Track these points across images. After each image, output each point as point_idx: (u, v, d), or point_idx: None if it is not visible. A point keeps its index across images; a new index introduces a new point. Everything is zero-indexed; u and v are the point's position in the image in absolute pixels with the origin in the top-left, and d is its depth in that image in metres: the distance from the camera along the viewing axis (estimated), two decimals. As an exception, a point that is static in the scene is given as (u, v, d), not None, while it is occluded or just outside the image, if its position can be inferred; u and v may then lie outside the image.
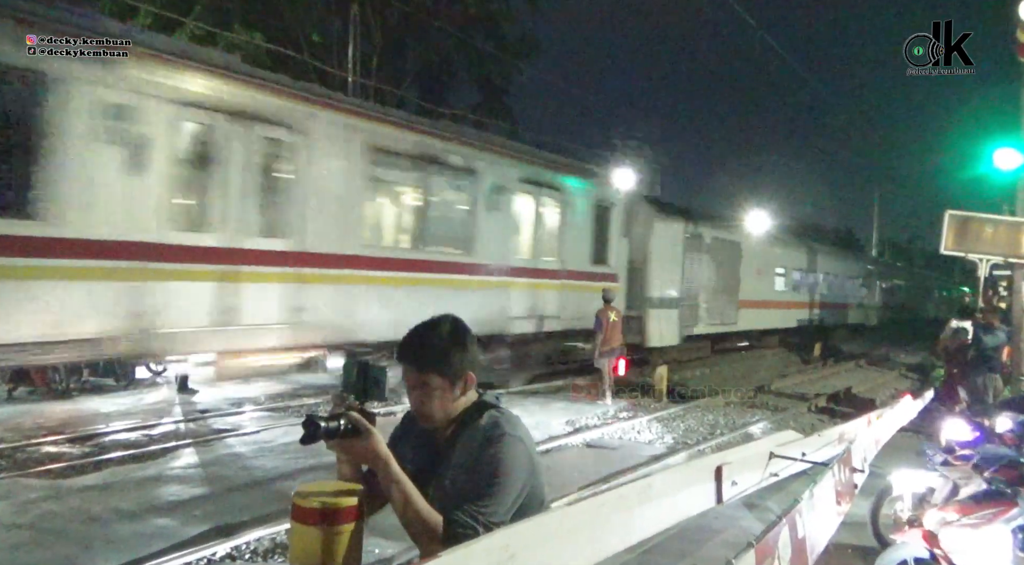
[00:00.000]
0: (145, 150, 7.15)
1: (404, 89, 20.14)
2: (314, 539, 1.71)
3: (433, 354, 1.83)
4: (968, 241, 10.86)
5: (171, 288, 7.40)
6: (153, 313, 7.23)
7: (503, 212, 11.68)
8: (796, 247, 25.23)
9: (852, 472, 3.49)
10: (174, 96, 7.37)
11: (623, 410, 11.01)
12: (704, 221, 18.44)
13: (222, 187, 7.92)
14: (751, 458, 3.19)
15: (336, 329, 8.60)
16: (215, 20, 16.98)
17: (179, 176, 7.65)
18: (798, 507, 2.38)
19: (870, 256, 39.46)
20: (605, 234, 14.26)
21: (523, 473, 1.77)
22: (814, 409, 12.14)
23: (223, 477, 6.70)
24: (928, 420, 7.19)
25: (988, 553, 3.78)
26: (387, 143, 9.72)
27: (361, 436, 1.70)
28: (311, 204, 8.77)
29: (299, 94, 8.81)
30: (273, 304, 8.28)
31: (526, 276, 12.14)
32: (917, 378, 16.92)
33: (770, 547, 1.97)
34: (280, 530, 5.25)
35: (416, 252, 10.31)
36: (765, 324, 22.11)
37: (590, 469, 7.38)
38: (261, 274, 8.20)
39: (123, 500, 5.90)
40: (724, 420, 10.70)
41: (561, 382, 13.29)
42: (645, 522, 2.23)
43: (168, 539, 5.08)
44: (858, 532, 4.97)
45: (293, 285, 8.47)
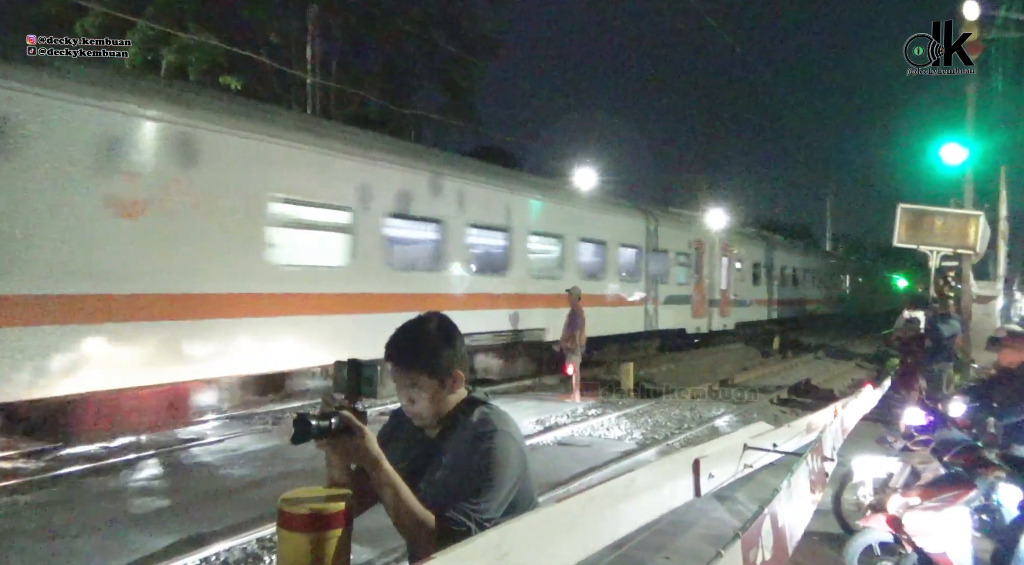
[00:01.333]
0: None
1: (366, 89, 19.88)
2: (303, 546, 1.69)
3: (421, 352, 1.82)
4: (920, 234, 11.23)
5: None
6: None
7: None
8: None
9: (823, 461, 3.58)
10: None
11: (592, 407, 11.10)
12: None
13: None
14: (726, 451, 3.25)
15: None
16: (168, 21, 16.55)
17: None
18: (778, 497, 2.44)
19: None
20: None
21: (514, 469, 1.78)
22: (776, 401, 12.42)
23: (190, 488, 6.55)
24: (886, 408, 7.43)
25: (949, 534, 3.93)
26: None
27: (352, 435, 1.69)
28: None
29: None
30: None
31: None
32: (873, 368, 17.42)
33: (754, 537, 2.01)
34: (251, 539, 5.16)
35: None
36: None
37: (563, 467, 7.41)
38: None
39: (86, 514, 5.72)
40: (691, 414, 10.86)
41: (529, 381, 13.35)
42: (630, 516, 2.27)
43: (135, 552, 4.94)
44: (821, 519, 5.11)
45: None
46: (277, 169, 8.31)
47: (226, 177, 7.79)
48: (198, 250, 7.46)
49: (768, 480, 5.15)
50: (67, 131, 6.42)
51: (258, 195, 8.09)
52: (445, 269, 10.96)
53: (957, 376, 11.32)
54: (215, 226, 7.65)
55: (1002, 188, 15.01)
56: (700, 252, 19.74)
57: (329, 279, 9.09)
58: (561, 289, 12.41)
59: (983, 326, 12.92)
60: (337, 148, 9.22)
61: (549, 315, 12.80)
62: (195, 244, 7.43)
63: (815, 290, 31.89)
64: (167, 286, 7.17)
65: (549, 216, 13.43)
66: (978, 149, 13.05)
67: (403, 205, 10.08)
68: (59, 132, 6.36)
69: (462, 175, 11.46)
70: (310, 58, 19.27)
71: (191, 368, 7.45)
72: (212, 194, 7.60)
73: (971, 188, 13.01)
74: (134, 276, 6.88)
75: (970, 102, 12.59)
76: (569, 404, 11.25)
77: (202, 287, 7.48)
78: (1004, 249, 15.61)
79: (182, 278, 7.31)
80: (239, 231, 7.90)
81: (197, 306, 7.40)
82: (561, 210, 13.92)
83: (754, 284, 24.23)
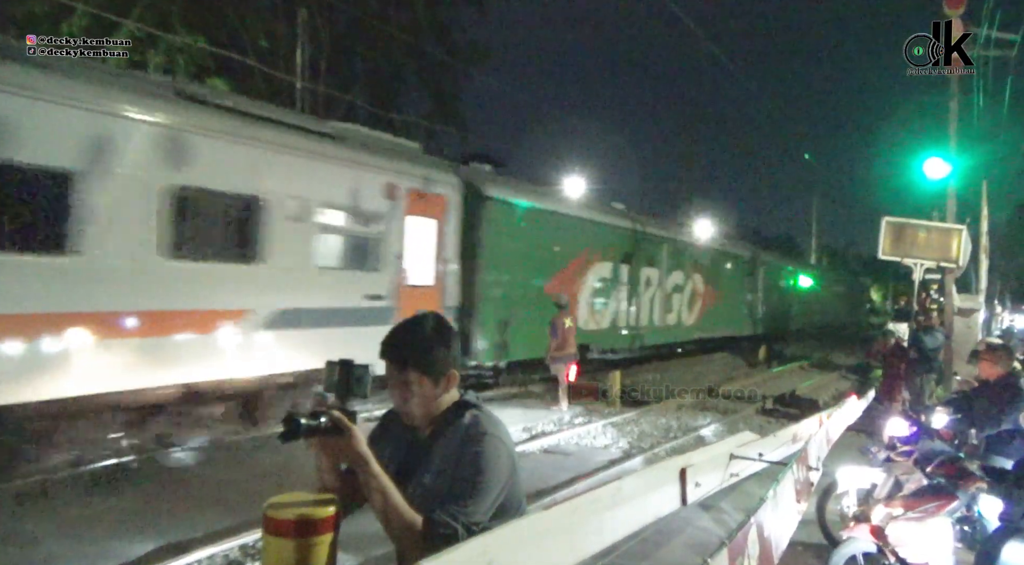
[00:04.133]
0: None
1: (353, 95, 19.87)
2: (288, 551, 1.67)
3: (416, 351, 1.82)
4: (904, 246, 11.34)
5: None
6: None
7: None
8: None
9: (808, 471, 3.60)
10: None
11: (578, 415, 11.09)
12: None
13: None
14: (712, 460, 3.26)
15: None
16: (156, 22, 16.46)
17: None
18: (764, 506, 2.45)
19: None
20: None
21: (503, 473, 1.77)
22: (762, 411, 12.49)
23: (171, 492, 6.46)
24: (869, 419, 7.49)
25: (931, 545, 3.96)
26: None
27: (342, 434, 1.69)
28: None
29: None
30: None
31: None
32: (857, 379, 17.57)
33: (741, 546, 2.02)
34: (234, 546, 5.10)
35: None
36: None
37: (548, 476, 7.40)
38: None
39: (62, 519, 5.62)
40: (677, 423, 10.89)
41: (516, 389, 13.32)
42: (616, 525, 2.26)
43: (114, 558, 4.87)
44: (805, 529, 5.13)
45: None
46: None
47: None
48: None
49: (754, 489, 5.17)
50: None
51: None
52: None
53: (939, 388, 11.44)
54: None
55: (983, 202, 15.23)
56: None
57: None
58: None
59: (965, 339, 13.06)
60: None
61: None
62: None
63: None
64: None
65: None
66: (961, 164, 13.25)
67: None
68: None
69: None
70: (299, 62, 19.22)
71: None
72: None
73: (953, 202, 13.19)
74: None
75: (953, 117, 12.78)
76: (555, 412, 11.24)
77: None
78: (985, 263, 15.82)
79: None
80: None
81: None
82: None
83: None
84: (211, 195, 7.51)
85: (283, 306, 8.09)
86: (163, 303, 7.02)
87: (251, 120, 7.92)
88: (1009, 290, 37.78)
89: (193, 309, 7.29)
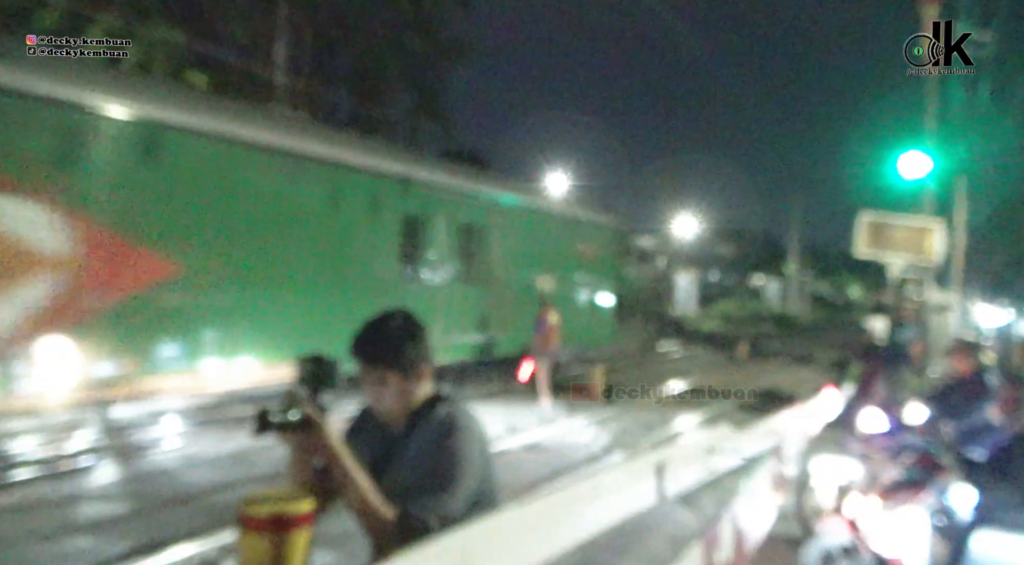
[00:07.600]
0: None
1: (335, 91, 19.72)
2: (263, 547, 1.67)
3: (386, 348, 1.82)
4: (880, 243, 11.44)
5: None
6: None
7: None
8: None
9: (784, 464, 3.64)
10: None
11: (560, 412, 11.11)
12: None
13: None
14: (690, 454, 3.28)
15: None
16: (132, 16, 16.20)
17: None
18: (738, 499, 2.47)
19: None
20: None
21: (477, 467, 1.78)
22: (743, 405, 12.60)
23: (146, 493, 6.38)
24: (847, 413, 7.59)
25: (906, 534, 4.02)
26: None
27: (314, 429, 1.68)
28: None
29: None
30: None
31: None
32: (838, 374, 17.78)
33: (716, 538, 2.04)
34: (211, 546, 5.05)
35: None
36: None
37: (529, 472, 7.41)
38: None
39: (38, 522, 5.53)
40: (658, 419, 10.95)
41: (497, 386, 13.32)
42: (594, 520, 2.27)
43: (89, 560, 4.80)
44: (784, 521, 5.18)
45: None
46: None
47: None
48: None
49: (731, 483, 5.22)
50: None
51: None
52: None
53: (915, 381, 11.61)
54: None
55: (958, 199, 15.46)
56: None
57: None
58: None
59: (940, 335, 13.27)
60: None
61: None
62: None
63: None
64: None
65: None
66: (939, 162, 13.40)
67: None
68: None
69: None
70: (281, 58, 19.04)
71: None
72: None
73: (930, 199, 13.36)
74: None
75: (930, 114, 12.93)
76: (536, 409, 11.25)
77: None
78: (960, 260, 16.07)
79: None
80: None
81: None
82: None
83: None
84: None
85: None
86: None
87: None
88: (984, 287, 38.32)
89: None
